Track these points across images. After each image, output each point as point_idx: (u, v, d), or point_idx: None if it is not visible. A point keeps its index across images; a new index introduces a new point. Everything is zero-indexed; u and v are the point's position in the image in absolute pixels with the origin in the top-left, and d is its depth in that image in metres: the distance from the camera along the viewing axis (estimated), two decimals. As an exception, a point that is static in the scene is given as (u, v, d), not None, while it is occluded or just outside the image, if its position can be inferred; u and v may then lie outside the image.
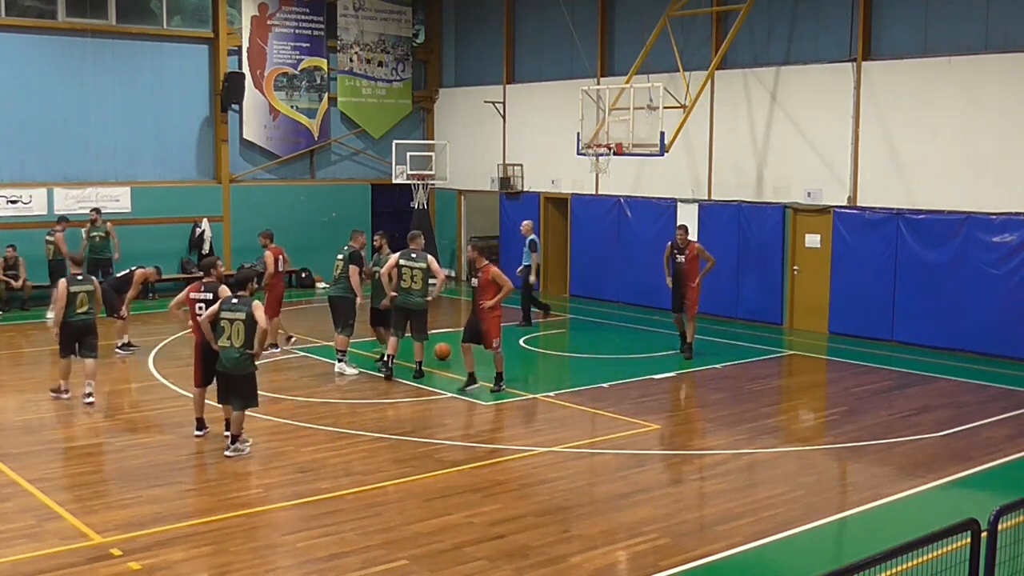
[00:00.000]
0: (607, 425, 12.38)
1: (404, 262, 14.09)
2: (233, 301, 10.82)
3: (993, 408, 13.16)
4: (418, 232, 14.93)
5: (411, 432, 11.88)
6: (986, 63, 16.28)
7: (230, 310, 10.71)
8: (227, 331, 10.66)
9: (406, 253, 14.23)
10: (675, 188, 20.68)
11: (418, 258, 14.18)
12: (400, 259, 14.11)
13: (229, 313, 10.69)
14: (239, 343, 10.63)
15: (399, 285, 14.07)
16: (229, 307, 10.75)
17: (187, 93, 22.77)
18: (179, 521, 8.87)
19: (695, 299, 16.27)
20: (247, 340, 10.62)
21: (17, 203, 20.72)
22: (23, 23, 20.73)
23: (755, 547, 8.48)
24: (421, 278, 14.09)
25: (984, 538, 5.52)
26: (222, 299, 10.95)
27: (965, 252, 16.53)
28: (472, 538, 8.56)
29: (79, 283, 12.87)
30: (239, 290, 10.97)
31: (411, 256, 14.19)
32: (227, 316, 10.68)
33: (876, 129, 17.66)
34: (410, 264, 14.10)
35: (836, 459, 11.18)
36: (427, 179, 24.52)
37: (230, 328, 10.64)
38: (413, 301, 14.12)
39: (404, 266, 14.07)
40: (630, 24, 21.42)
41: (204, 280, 11.49)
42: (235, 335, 10.62)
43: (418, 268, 14.09)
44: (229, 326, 10.64)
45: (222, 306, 10.80)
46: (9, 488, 9.75)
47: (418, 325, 14.26)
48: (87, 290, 12.86)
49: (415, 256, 14.20)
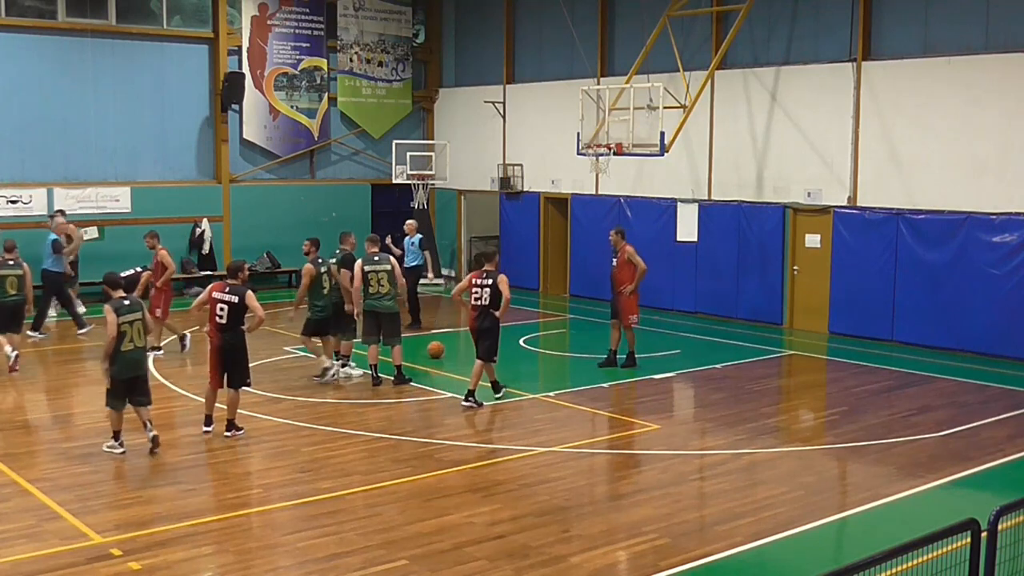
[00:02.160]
0: (607, 425, 12.38)
1: (368, 267, 13.88)
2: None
3: (993, 408, 13.16)
4: (376, 236, 14.68)
5: (411, 432, 11.89)
6: (986, 63, 16.28)
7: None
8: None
9: (368, 258, 13.99)
10: (675, 188, 20.68)
11: (381, 260, 14.02)
12: (364, 265, 13.90)
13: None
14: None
15: (366, 291, 13.87)
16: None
17: (187, 93, 22.76)
18: (179, 521, 8.87)
19: (628, 307, 15.03)
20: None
21: (17, 203, 20.71)
22: (23, 23, 20.72)
23: (755, 547, 8.48)
24: (388, 280, 13.94)
25: (984, 538, 5.52)
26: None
27: (965, 252, 16.53)
28: (472, 538, 8.56)
29: (8, 267, 14.89)
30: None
31: (374, 260, 13.96)
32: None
33: (876, 129, 17.66)
34: (375, 268, 13.90)
35: (836, 459, 11.18)
36: (427, 179, 24.52)
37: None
38: (383, 305, 13.95)
39: (369, 271, 13.87)
40: (630, 24, 21.43)
41: (229, 282, 11.55)
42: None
43: (383, 271, 13.91)
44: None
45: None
46: (9, 488, 9.75)
47: (391, 329, 14.07)
48: (16, 274, 14.88)
49: (377, 259, 14.01)
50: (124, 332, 10.49)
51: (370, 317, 14.01)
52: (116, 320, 10.44)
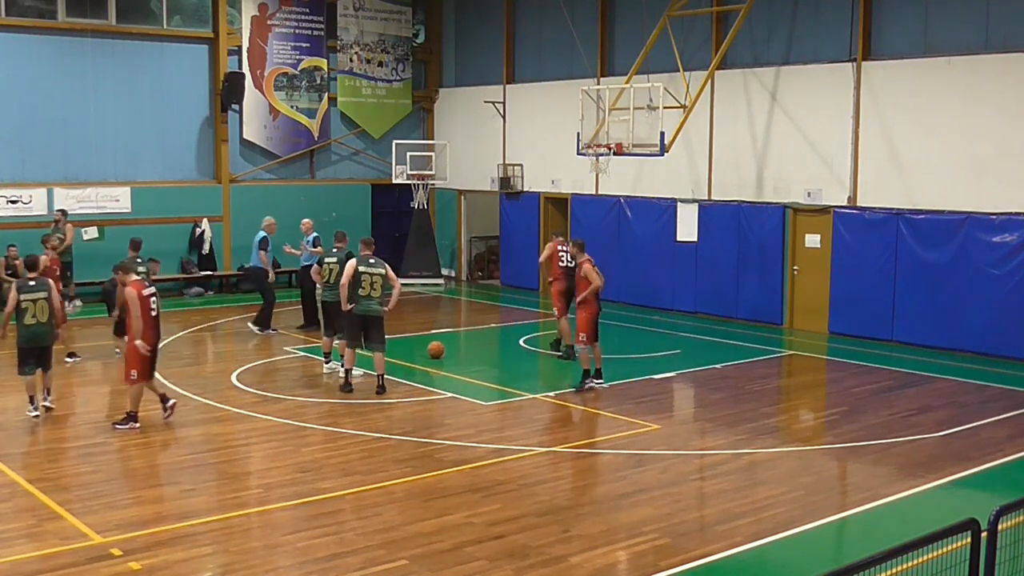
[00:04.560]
0: (607, 425, 12.38)
1: (363, 268, 13.61)
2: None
3: (993, 408, 13.16)
4: (370, 239, 14.39)
5: (411, 432, 11.89)
6: (986, 63, 16.28)
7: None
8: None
9: (363, 259, 13.73)
10: (675, 188, 20.68)
11: (376, 264, 13.70)
12: (359, 266, 13.63)
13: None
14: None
15: (357, 293, 13.58)
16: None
17: (187, 93, 22.77)
18: (179, 521, 8.87)
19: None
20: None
21: (17, 203, 20.72)
22: (23, 23, 20.72)
23: (755, 547, 8.48)
24: (380, 285, 13.63)
25: (984, 538, 5.52)
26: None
27: (965, 252, 16.53)
28: (472, 538, 8.56)
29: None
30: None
31: (369, 262, 13.70)
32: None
33: (876, 129, 17.66)
34: (369, 271, 13.63)
35: (836, 459, 11.18)
36: (427, 179, 24.52)
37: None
38: (372, 309, 13.66)
39: (363, 272, 13.58)
40: (630, 24, 21.42)
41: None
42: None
43: (377, 274, 13.60)
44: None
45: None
46: (9, 488, 9.75)
47: (378, 335, 13.72)
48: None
49: (373, 262, 13.69)
50: (26, 308, 11.97)
51: (357, 321, 13.70)
52: (16, 297, 12.02)
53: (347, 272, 13.61)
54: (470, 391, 13.86)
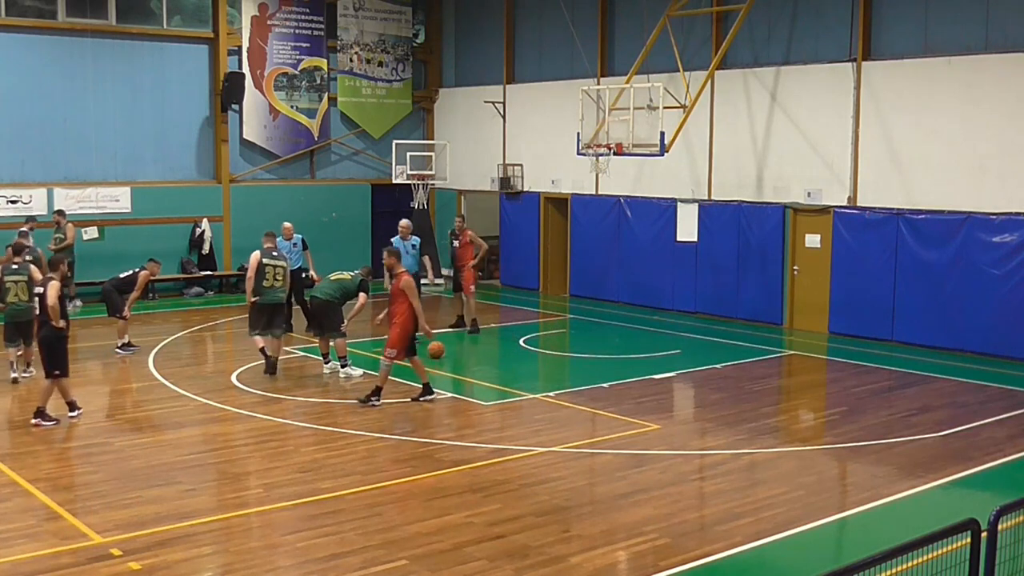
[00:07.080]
0: (607, 425, 12.38)
1: (267, 261, 14.68)
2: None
3: (993, 408, 13.16)
4: (272, 232, 15.78)
5: (411, 432, 11.89)
6: (986, 63, 16.28)
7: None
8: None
9: (267, 252, 14.85)
10: (675, 188, 20.68)
11: (278, 257, 14.93)
12: (263, 258, 14.70)
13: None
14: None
15: (261, 285, 14.63)
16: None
17: (187, 93, 22.76)
18: (179, 521, 8.87)
19: (470, 279, 18.06)
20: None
21: (17, 203, 20.71)
22: (23, 23, 20.72)
23: (755, 547, 8.48)
24: (284, 276, 14.78)
25: (984, 538, 5.52)
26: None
27: (965, 252, 16.53)
28: (472, 538, 8.56)
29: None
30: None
31: (272, 255, 14.85)
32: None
33: (876, 129, 17.66)
34: (272, 263, 14.69)
35: (836, 459, 11.18)
36: (427, 179, 24.52)
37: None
38: (276, 298, 14.82)
39: (267, 265, 14.63)
40: (630, 24, 21.42)
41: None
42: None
43: (279, 266, 14.75)
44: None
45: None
46: (9, 488, 9.75)
47: (279, 321, 15.03)
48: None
49: (276, 255, 14.92)
50: (9, 288, 13.58)
51: (265, 308, 14.70)
52: (1, 278, 13.62)
53: (251, 265, 14.78)
54: (470, 391, 13.86)
